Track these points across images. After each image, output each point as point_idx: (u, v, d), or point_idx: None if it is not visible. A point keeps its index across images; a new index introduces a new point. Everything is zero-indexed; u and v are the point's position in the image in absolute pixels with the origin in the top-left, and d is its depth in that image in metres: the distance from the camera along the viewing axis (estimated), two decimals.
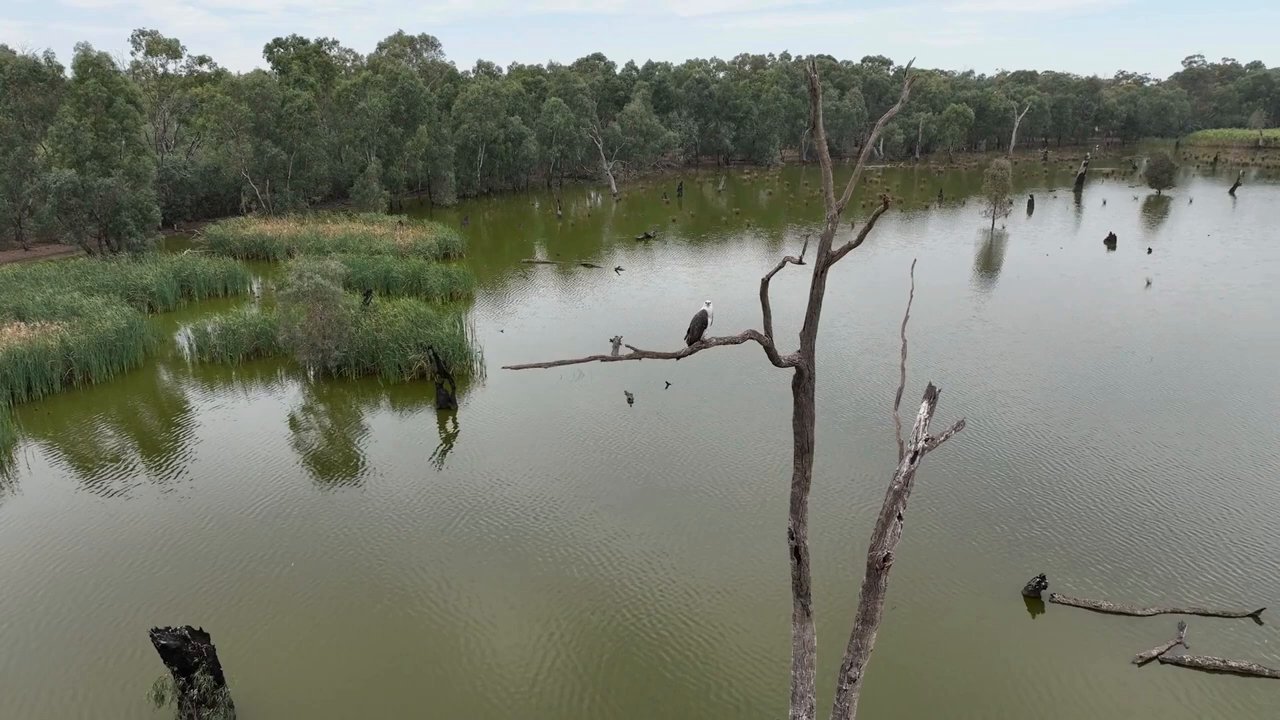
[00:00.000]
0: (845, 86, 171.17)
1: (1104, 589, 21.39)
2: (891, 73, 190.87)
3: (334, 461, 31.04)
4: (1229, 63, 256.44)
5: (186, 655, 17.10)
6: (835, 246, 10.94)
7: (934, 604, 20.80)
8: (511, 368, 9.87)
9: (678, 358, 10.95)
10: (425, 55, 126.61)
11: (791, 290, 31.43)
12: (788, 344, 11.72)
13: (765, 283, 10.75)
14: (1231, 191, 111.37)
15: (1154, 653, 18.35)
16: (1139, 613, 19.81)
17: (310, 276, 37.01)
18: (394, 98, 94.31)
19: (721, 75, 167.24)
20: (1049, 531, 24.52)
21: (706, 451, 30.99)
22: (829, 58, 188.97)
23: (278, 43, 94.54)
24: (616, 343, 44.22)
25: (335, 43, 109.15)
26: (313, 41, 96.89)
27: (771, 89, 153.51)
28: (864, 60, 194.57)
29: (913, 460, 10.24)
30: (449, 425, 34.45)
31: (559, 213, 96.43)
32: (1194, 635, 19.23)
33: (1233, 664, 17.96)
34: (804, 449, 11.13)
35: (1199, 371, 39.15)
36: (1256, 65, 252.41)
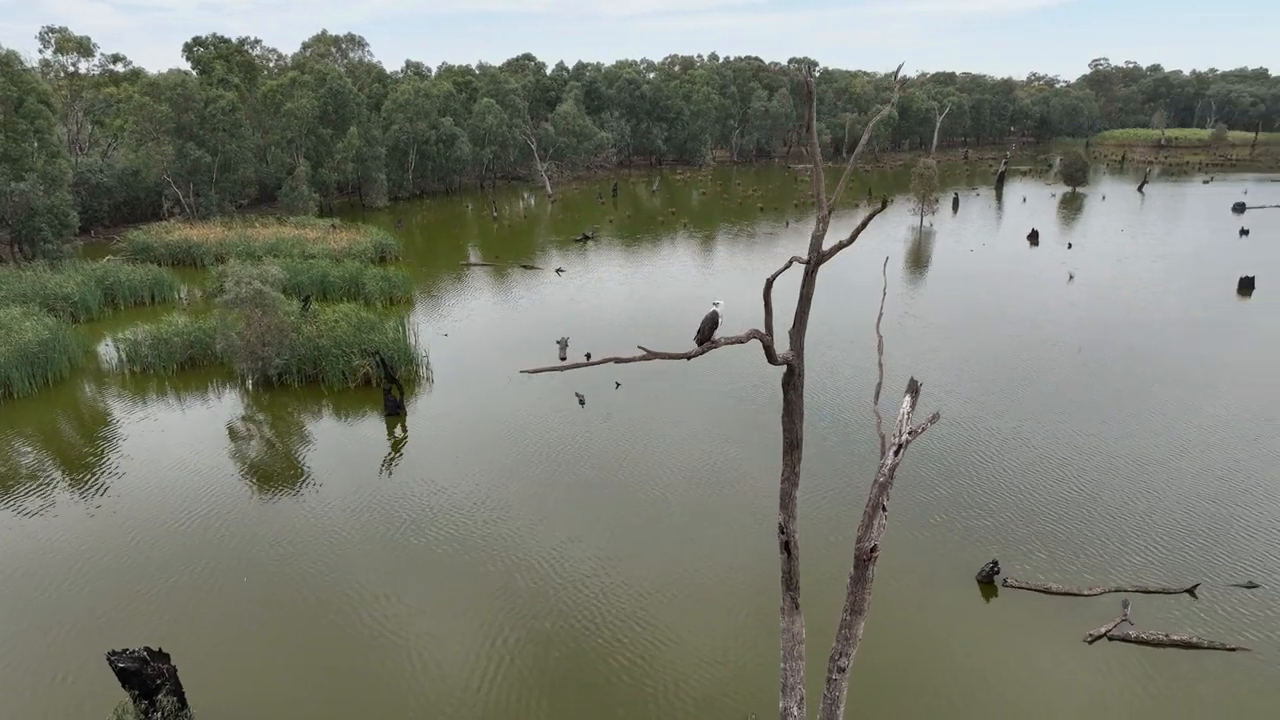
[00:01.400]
0: (773, 88, 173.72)
1: (1052, 572, 22.34)
2: (818, 74, 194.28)
3: (277, 472, 30.25)
4: (1131, 65, 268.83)
5: (147, 678, 16.55)
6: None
7: (891, 594, 21.38)
8: (529, 371, 9.85)
9: (688, 358, 11.06)
10: (352, 55, 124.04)
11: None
12: (777, 343, 11.96)
13: (770, 283, 10.96)
14: (1139, 189, 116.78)
15: (1102, 630, 19.26)
16: (1086, 593, 20.76)
17: (248, 282, 36.00)
18: (322, 98, 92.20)
19: (652, 76, 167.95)
20: (990, 520, 25.43)
21: (656, 452, 31.15)
22: (756, 59, 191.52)
23: (197, 41, 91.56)
24: (563, 344, 44.35)
25: (258, 42, 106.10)
26: (234, 41, 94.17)
27: (702, 90, 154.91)
28: (790, 62, 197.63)
29: (896, 453, 10.59)
30: (397, 431, 33.94)
31: (494, 214, 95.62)
32: (1137, 612, 20.25)
33: (1175, 637, 18.99)
34: (793, 445, 11.40)
35: (1120, 362, 41.01)
36: (1156, 68, 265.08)
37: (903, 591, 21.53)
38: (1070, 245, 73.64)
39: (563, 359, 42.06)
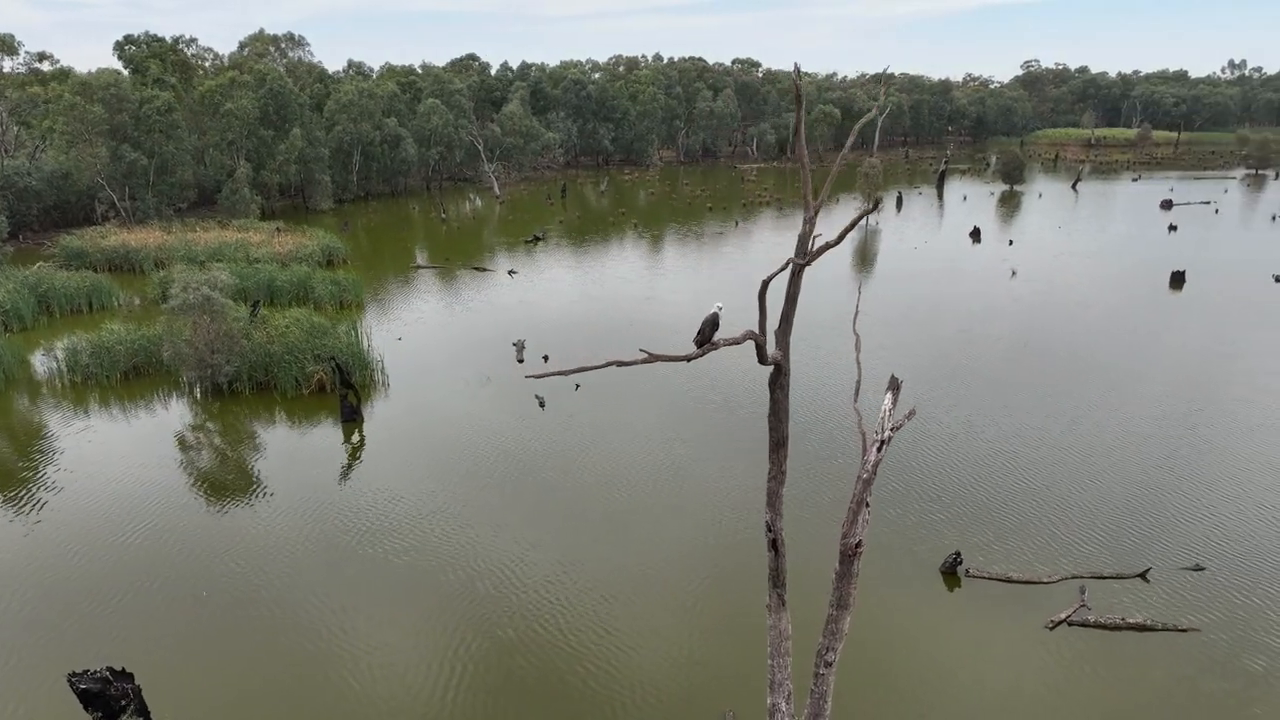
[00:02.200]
0: (718, 88, 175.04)
1: (1009, 562, 23.00)
2: (761, 74, 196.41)
3: (229, 482, 29.49)
4: (1061, 67, 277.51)
5: (111, 699, 16.05)
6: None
7: (861, 587, 21.77)
8: (534, 376, 9.81)
9: (688, 360, 11.11)
10: (292, 54, 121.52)
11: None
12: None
13: (765, 284, 11.08)
14: (1074, 187, 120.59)
15: (1062, 616, 19.92)
16: (1045, 580, 21.43)
17: (196, 288, 35.08)
18: (262, 99, 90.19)
19: (597, 76, 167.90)
20: (945, 512, 25.99)
21: (614, 454, 31.09)
22: (700, 59, 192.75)
23: (129, 40, 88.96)
24: (520, 346, 44.24)
25: (194, 41, 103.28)
26: (168, 40, 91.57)
27: (648, 90, 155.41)
28: (734, 62, 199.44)
29: (879, 449, 10.83)
30: (354, 438, 33.42)
31: (442, 216, 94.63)
32: (1094, 597, 20.98)
33: (1130, 621, 19.72)
34: (779, 443, 11.58)
35: (1062, 356, 42.31)
36: (1084, 70, 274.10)
37: (867, 585, 21.88)
38: (1011, 242, 75.71)
39: (520, 361, 41.87)
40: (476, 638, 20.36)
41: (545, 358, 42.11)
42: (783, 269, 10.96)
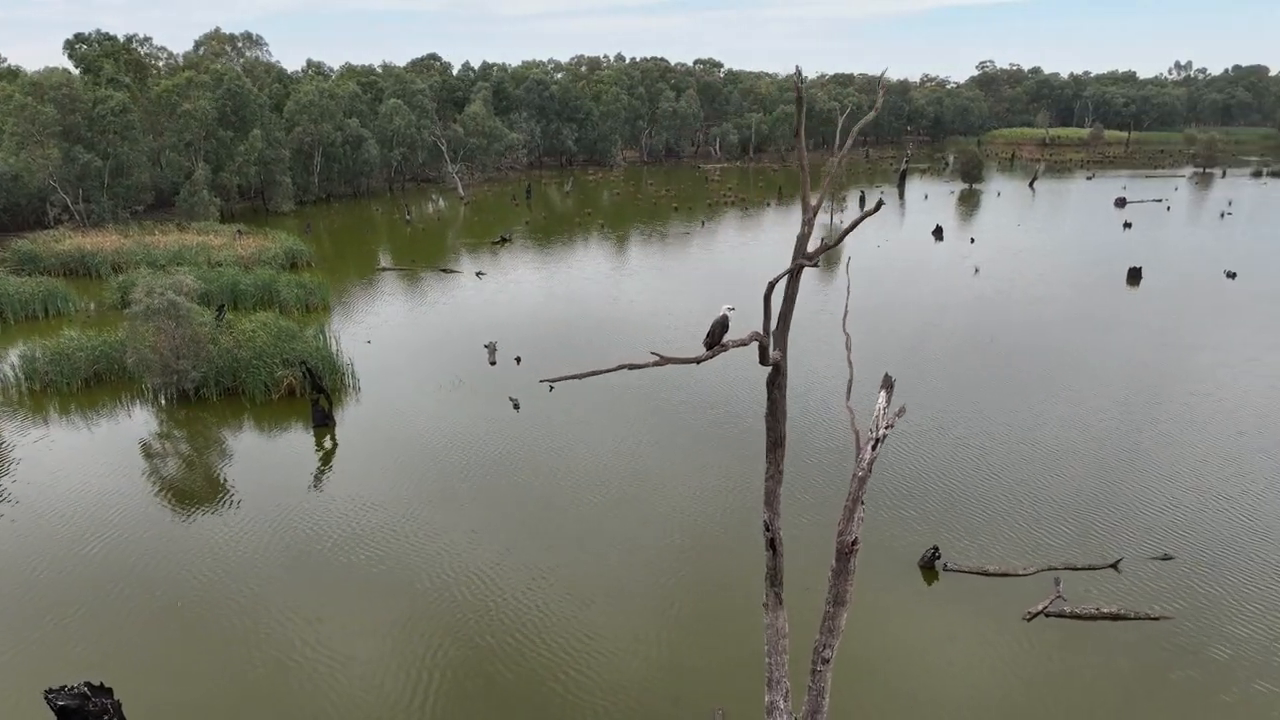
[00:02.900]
0: (681, 88, 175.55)
1: (983, 555, 23.41)
2: (722, 75, 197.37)
3: (197, 490, 28.85)
4: (1015, 68, 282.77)
5: (90, 715, 15.69)
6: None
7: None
8: (549, 381, 9.79)
9: (698, 362, 11.16)
10: (249, 54, 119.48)
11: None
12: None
13: (772, 286, 11.15)
14: (1031, 185, 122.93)
15: (1039, 608, 20.32)
16: (1021, 573, 21.85)
17: (161, 293, 34.36)
18: (220, 99, 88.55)
19: (560, 76, 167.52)
20: (917, 508, 26.33)
21: (592, 455, 31.00)
22: (663, 60, 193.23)
23: (80, 39, 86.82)
24: (492, 348, 44.02)
25: (148, 39, 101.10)
26: (121, 38, 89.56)
27: (611, 90, 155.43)
28: (696, 63, 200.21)
29: (874, 447, 10.99)
30: (327, 444, 32.99)
31: (407, 217, 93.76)
32: (1069, 588, 21.42)
33: (1105, 610, 20.19)
34: (776, 443, 11.68)
35: (1026, 352, 43.12)
36: (1036, 70, 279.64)
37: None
38: (973, 240, 76.96)
39: (493, 363, 41.64)
40: (454, 646, 20.08)
41: (518, 359, 41.94)
42: (790, 271, 11.05)
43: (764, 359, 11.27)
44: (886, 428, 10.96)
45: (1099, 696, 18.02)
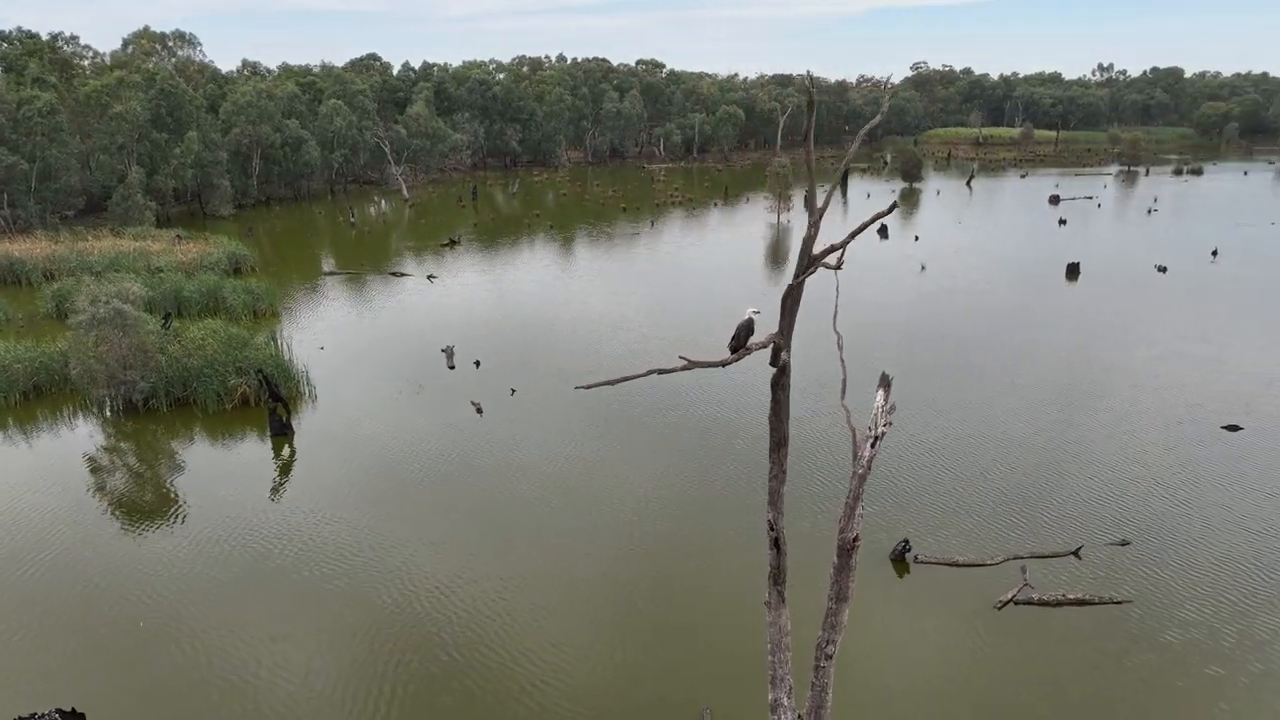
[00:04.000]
0: (624, 89, 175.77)
1: (949, 547, 24.03)
2: (664, 75, 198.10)
3: (147, 505, 27.96)
4: (948, 69, 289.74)
5: None
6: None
7: (812, 578, 22.37)
8: (584, 387, 9.74)
9: (723, 365, 11.23)
10: (181, 53, 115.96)
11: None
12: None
13: (790, 289, 11.30)
14: (968, 184, 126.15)
15: (1009, 596, 20.97)
16: (989, 563, 22.49)
17: (106, 301, 33.22)
18: (153, 100, 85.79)
19: (502, 77, 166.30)
20: (878, 504, 26.87)
21: (555, 460, 30.86)
22: (605, 60, 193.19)
23: (1, 36, 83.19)
24: (449, 352, 43.61)
25: (74, 38, 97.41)
26: (45, 37, 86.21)
27: (554, 90, 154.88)
28: (638, 63, 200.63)
29: (873, 445, 11.24)
30: (285, 453, 32.29)
31: (351, 220, 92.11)
32: (1035, 576, 22.14)
33: (1070, 596, 20.93)
34: (780, 443, 11.87)
35: (973, 347, 44.30)
36: (968, 71, 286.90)
37: (822, 577, 22.53)
38: (917, 238, 78.68)
39: (451, 367, 41.22)
40: (419, 660, 19.69)
41: (477, 363, 41.59)
42: (808, 274, 11.24)
43: (775, 360, 11.44)
44: (885, 425, 11.22)
45: (1063, 685, 18.65)
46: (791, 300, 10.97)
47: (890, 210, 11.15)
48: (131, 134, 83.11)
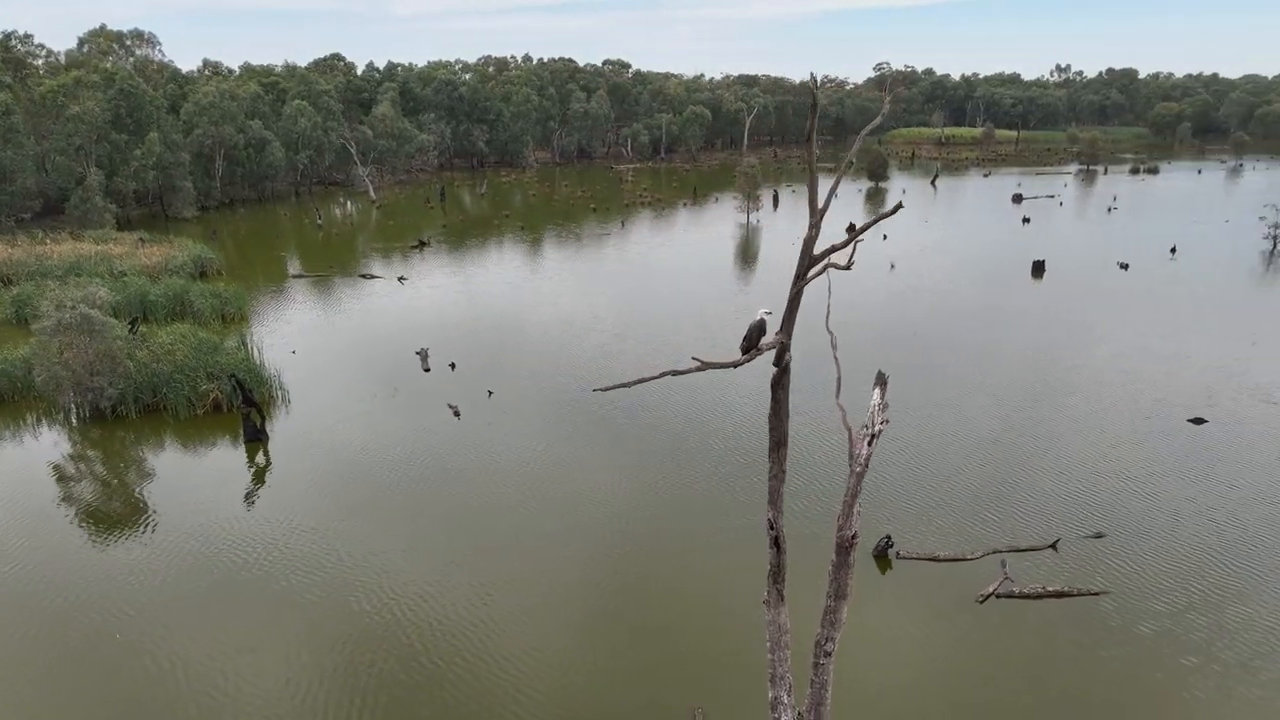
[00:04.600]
0: (591, 89, 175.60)
1: (927, 543, 24.36)
2: (631, 75, 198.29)
3: (115, 515, 27.32)
4: (910, 69, 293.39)
5: None
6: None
7: (796, 577, 22.54)
8: (601, 390, 9.73)
9: (735, 366, 11.28)
10: (139, 53, 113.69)
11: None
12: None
13: (798, 290, 11.40)
14: (933, 183, 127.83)
15: (990, 590, 21.32)
16: (969, 557, 22.84)
17: (73, 306, 32.51)
18: (112, 100, 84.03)
19: (468, 77, 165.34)
20: (862, 501, 27.16)
21: (531, 463, 30.71)
22: (571, 60, 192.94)
23: None
24: (424, 355, 43.43)
25: (29, 37, 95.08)
26: None
27: (521, 91, 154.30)
28: (605, 63, 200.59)
29: (870, 443, 11.39)
30: (259, 459, 31.83)
31: (318, 222, 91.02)
32: (1015, 570, 22.53)
33: (1050, 588, 21.35)
34: (780, 442, 11.98)
35: (945, 345, 44.93)
36: (930, 72, 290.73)
37: (804, 575, 22.73)
38: (885, 236, 79.51)
39: (426, 370, 40.93)
40: (398, 670, 19.39)
41: (452, 366, 41.34)
42: (815, 275, 11.37)
43: (779, 359, 11.54)
44: (882, 423, 11.37)
45: (1043, 677, 18.99)
46: (795, 301, 11.02)
47: (895, 210, 11.28)
48: (90, 135, 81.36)
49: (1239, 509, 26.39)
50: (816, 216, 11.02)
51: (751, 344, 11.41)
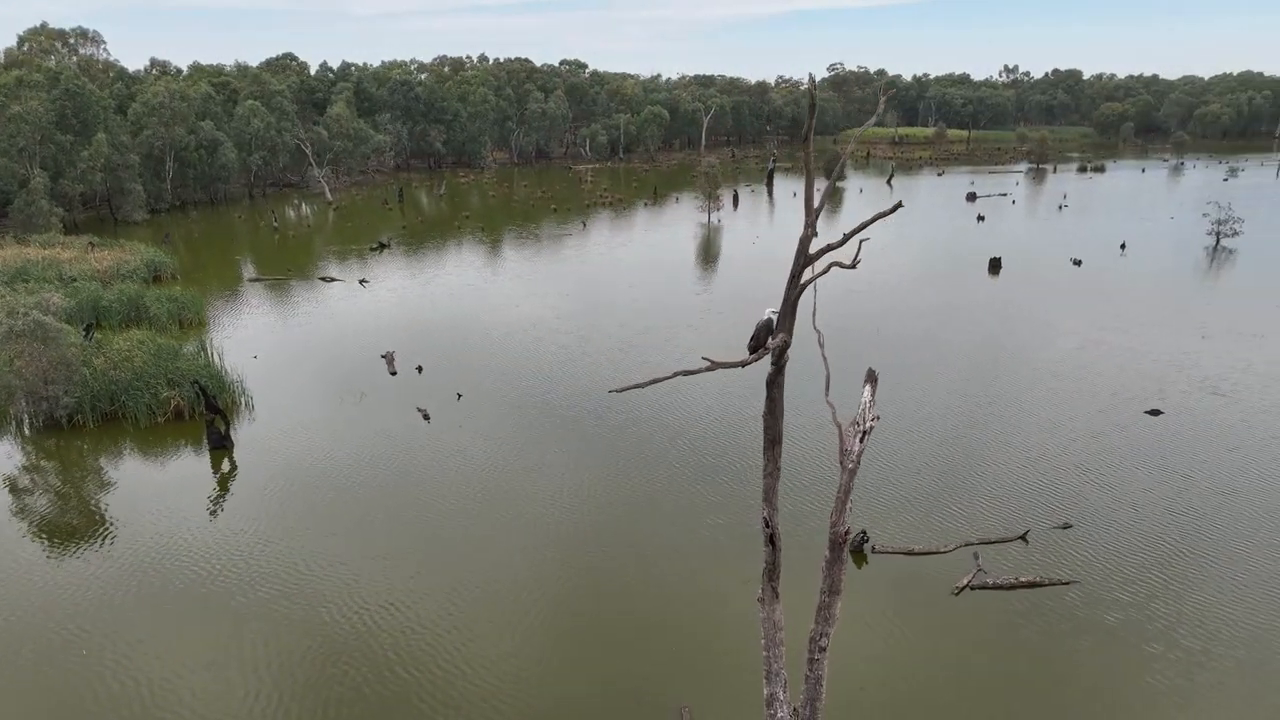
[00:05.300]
0: (548, 89, 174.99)
1: (898, 538, 24.77)
2: (588, 76, 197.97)
3: (71, 527, 26.55)
4: (863, 70, 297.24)
5: None
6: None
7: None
8: (617, 390, 9.72)
9: (743, 365, 11.36)
10: (84, 51, 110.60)
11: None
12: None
13: (801, 290, 11.52)
14: (888, 182, 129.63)
15: (964, 582, 21.76)
16: (943, 550, 23.25)
17: (26, 313, 31.57)
18: (57, 100, 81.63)
19: (424, 77, 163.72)
20: (826, 500, 27.47)
21: (500, 468, 30.50)
22: (528, 61, 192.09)
23: None
24: (390, 358, 42.99)
25: None
26: None
27: (478, 91, 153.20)
28: (562, 63, 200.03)
29: (861, 440, 11.58)
30: (224, 467, 31.23)
31: (274, 224, 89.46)
32: (988, 561, 23.01)
33: (1022, 579, 21.85)
34: (774, 440, 12.09)
35: (906, 342, 45.62)
36: (882, 73, 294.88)
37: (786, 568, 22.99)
38: (845, 235, 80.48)
39: (393, 373, 40.48)
40: (373, 681, 19.08)
41: (419, 369, 40.97)
42: (822, 273, 11.54)
43: (778, 359, 11.66)
44: (873, 420, 11.56)
45: (1018, 666, 19.49)
46: (795, 302, 11.17)
47: (894, 210, 11.49)
48: (33, 136, 78.95)
49: (1195, 499, 27.24)
50: (812, 216, 11.21)
51: (760, 343, 11.52)
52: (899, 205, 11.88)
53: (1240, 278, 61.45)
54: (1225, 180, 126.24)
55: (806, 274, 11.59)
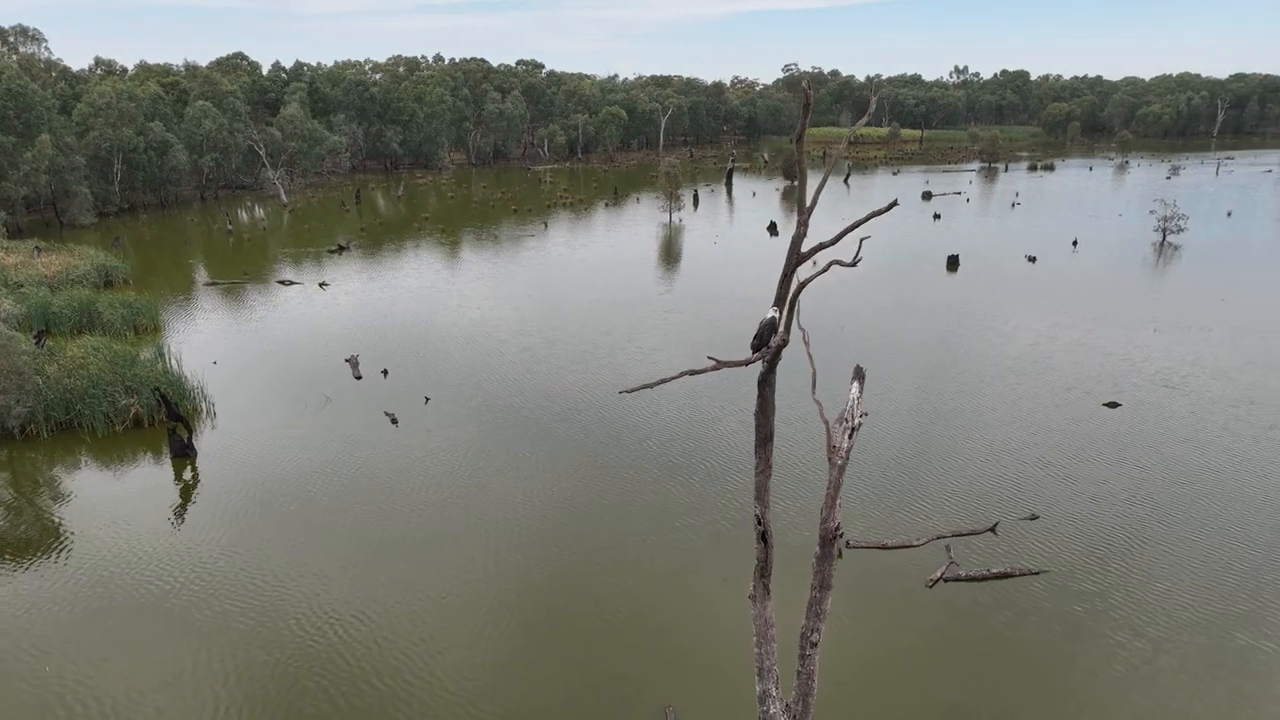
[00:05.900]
0: (505, 90, 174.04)
1: (871, 533, 25.13)
2: (545, 76, 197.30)
3: (24, 541, 25.77)
4: (817, 70, 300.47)
5: None
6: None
7: (750, 571, 22.98)
8: (627, 391, 9.69)
9: (746, 364, 11.42)
10: (24, 49, 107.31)
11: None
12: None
13: (801, 288, 11.64)
14: (845, 181, 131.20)
15: (938, 575, 22.15)
16: (915, 543, 23.48)
17: None
18: None
19: (379, 77, 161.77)
20: (806, 498, 27.88)
21: (469, 472, 30.32)
22: (484, 61, 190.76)
23: None
24: (354, 362, 42.48)
25: None
26: None
27: (435, 91, 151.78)
28: (518, 64, 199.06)
29: (850, 436, 11.74)
30: (186, 476, 30.58)
31: (229, 227, 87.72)
32: (959, 554, 23.43)
33: (994, 570, 22.31)
34: (766, 438, 12.20)
35: (870, 340, 46.28)
36: (836, 73, 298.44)
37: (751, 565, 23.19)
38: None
39: (358, 377, 39.97)
40: (347, 693, 18.71)
41: (384, 372, 40.51)
42: (821, 272, 11.68)
43: (774, 358, 11.77)
44: (861, 416, 11.74)
45: (992, 657, 19.89)
46: (780, 296, 11.31)
47: (889, 208, 11.69)
48: None
49: (1153, 491, 28.02)
50: (805, 214, 11.33)
51: (763, 342, 11.60)
52: (894, 204, 12.07)
53: (1186, 273, 63.32)
54: (1168, 178, 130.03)
55: (808, 272, 11.73)
